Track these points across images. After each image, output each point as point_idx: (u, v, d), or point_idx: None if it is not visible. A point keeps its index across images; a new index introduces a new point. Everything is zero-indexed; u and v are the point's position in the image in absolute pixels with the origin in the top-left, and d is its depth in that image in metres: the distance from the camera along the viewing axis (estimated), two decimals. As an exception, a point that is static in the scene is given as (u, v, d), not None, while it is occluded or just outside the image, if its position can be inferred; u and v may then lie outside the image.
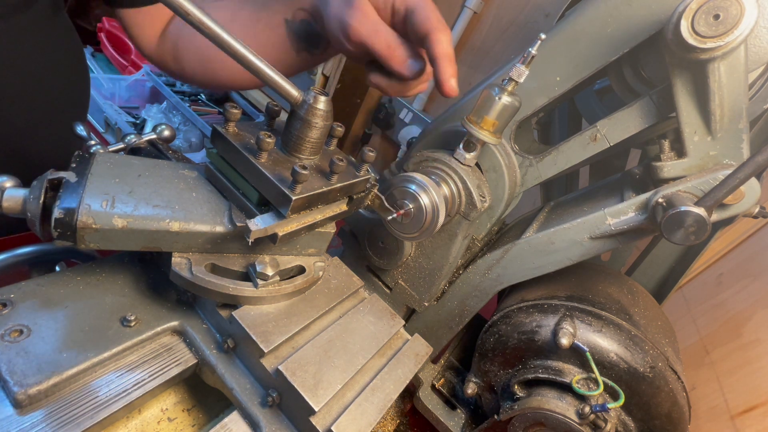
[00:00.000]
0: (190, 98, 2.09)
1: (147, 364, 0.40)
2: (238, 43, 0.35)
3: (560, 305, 0.52)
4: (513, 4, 1.52)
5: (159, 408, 0.44)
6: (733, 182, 0.40)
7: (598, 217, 0.50)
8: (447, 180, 0.52)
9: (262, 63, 0.36)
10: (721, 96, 0.43)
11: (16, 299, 0.38)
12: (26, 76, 0.59)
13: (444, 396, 0.63)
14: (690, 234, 0.42)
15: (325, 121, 0.39)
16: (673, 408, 0.47)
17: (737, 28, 0.38)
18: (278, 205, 0.38)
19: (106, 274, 0.44)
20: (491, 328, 0.57)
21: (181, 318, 0.44)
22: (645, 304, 0.57)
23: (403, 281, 0.62)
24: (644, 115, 0.50)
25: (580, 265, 0.56)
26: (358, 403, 0.41)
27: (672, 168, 0.48)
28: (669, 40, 0.42)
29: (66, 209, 0.33)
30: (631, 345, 0.48)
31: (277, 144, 0.41)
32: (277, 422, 0.41)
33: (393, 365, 0.47)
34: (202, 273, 0.39)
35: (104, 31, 2.05)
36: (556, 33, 0.50)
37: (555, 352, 0.51)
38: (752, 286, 0.73)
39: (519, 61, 0.44)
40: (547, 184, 0.85)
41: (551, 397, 0.49)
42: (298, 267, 0.46)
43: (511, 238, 0.58)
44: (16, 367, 0.33)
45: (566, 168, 0.56)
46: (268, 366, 0.40)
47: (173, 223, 0.37)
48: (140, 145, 0.49)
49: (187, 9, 0.32)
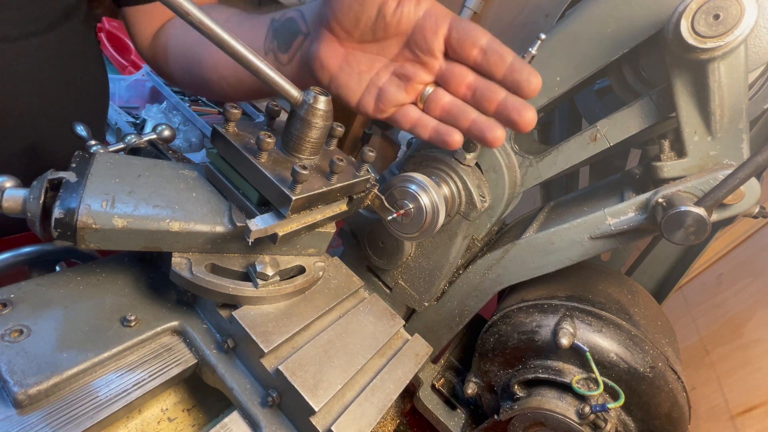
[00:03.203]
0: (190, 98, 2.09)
1: (147, 364, 0.40)
2: (238, 43, 0.35)
3: (560, 305, 0.52)
4: (513, 4, 1.52)
5: (159, 408, 0.44)
6: (733, 182, 0.40)
7: (598, 217, 0.50)
8: (447, 180, 0.52)
9: (262, 63, 0.36)
10: (721, 96, 0.43)
11: (16, 299, 0.38)
12: (55, 87, 0.61)
13: (444, 396, 0.63)
14: (690, 234, 0.42)
15: (325, 121, 0.39)
16: (673, 408, 0.47)
17: (737, 28, 0.38)
18: (278, 205, 0.38)
19: (106, 274, 0.44)
20: (491, 328, 0.57)
21: (181, 318, 0.44)
22: (645, 304, 0.57)
23: (403, 281, 0.62)
24: (644, 115, 0.50)
25: (580, 265, 0.56)
26: (358, 403, 0.41)
27: (672, 168, 0.48)
28: (669, 40, 0.42)
29: (66, 209, 0.33)
30: (631, 345, 0.48)
31: (277, 144, 0.41)
32: (277, 422, 0.41)
33: (393, 365, 0.47)
34: (202, 273, 0.39)
35: (104, 31, 2.05)
36: (556, 33, 0.50)
37: (555, 352, 0.51)
38: (752, 286, 0.73)
39: (519, 61, 0.44)
40: (547, 184, 0.85)
41: (551, 397, 0.49)
42: (298, 267, 0.46)
43: (511, 238, 0.58)
44: (16, 367, 0.33)
45: (566, 168, 0.56)
46: (268, 366, 0.40)
47: (173, 223, 0.37)
48: (140, 145, 0.49)
49: (187, 9, 0.32)
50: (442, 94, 0.44)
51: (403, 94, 0.44)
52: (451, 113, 0.44)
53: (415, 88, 0.44)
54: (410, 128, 0.46)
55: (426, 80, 0.44)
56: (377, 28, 0.42)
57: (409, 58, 0.43)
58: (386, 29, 0.42)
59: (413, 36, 0.42)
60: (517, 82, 0.40)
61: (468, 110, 0.43)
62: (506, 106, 0.41)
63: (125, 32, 2.11)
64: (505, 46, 0.40)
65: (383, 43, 0.44)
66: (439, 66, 0.43)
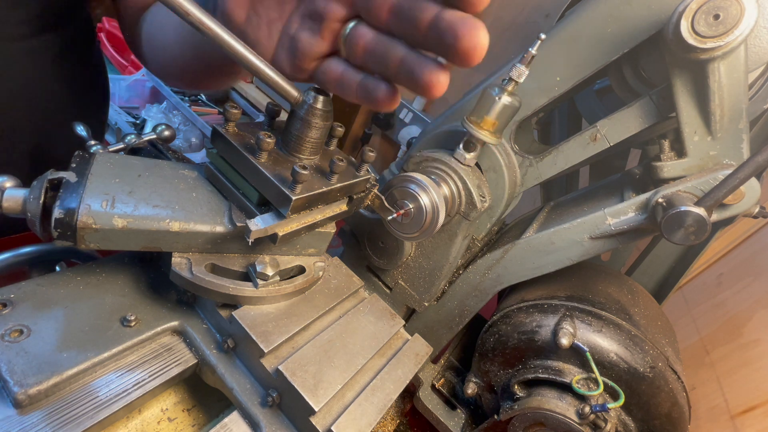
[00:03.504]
0: (190, 98, 2.09)
1: (147, 364, 0.40)
2: (238, 43, 0.35)
3: (560, 305, 0.52)
4: (513, 4, 1.52)
5: (159, 408, 0.44)
6: (733, 182, 0.40)
7: (598, 217, 0.50)
8: (447, 180, 0.52)
9: (262, 63, 0.36)
10: (721, 96, 0.43)
11: (16, 299, 0.38)
12: (55, 87, 0.61)
13: (444, 396, 0.63)
14: (690, 234, 0.42)
15: (325, 121, 0.39)
16: (673, 408, 0.47)
17: (737, 28, 0.38)
18: (278, 205, 0.38)
19: (106, 274, 0.44)
20: (491, 328, 0.57)
21: (181, 318, 0.44)
22: (645, 304, 0.57)
23: (403, 281, 0.62)
24: (644, 115, 0.50)
25: (580, 265, 0.56)
26: (358, 403, 0.41)
27: (672, 168, 0.48)
28: (669, 40, 0.42)
29: (66, 209, 0.33)
30: (631, 345, 0.48)
31: (277, 144, 0.41)
32: (277, 422, 0.41)
33: (393, 365, 0.47)
34: (202, 273, 0.39)
35: (104, 31, 2.05)
36: (556, 33, 0.50)
37: (555, 352, 0.51)
38: (752, 286, 0.73)
39: (519, 61, 0.44)
40: (547, 184, 0.85)
41: (551, 397, 0.49)
42: (298, 267, 0.46)
43: (511, 238, 0.58)
44: (16, 367, 0.33)
45: (566, 168, 0.56)
46: (268, 366, 0.40)
47: (173, 223, 0.37)
48: (140, 145, 0.49)
49: (187, 9, 0.32)
50: (363, 31, 0.33)
51: (318, 41, 0.35)
52: (375, 53, 0.33)
53: (332, 28, 0.35)
54: (335, 88, 0.37)
55: (341, 14, 0.34)
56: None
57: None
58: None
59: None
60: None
61: (393, 46, 0.32)
62: (440, 25, 0.28)
63: (125, 32, 2.12)
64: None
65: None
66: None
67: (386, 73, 0.34)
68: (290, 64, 0.37)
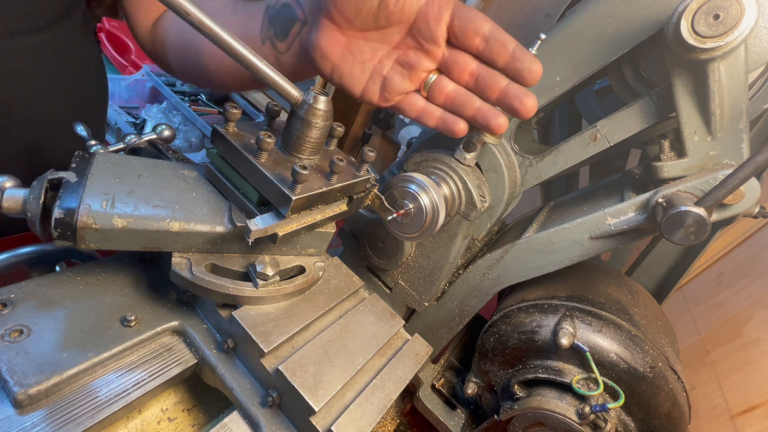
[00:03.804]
0: (190, 98, 2.09)
1: (147, 364, 0.40)
2: (237, 43, 0.35)
3: (560, 305, 0.52)
4: (513, 4, 1.52)
5: (159, 408, 0.44)
6: (733, 182, 0.40)
7: (598, 217, 0.50)
8: (447, 180, 0.52)
9: (262, 63, 0.36)
10: (721, 96, 0.43)
11: (16, 299, 0.38)
12: (54, 86, 0.61)
13: (444, 396, 0.63)
14: (690, 234, 0.42)
15: (325, 121, 0.39)
16: (673, 408, 0.47)
17: (737, 28, 0.38)
18: (278, 205, 0.38)
19: (106, 274, 0.44)
20: (491, 328, 0.57)
21: (181, 318, 0.44)
22: (645, 304, 0.57)
23: (403, 281, 0.62)
24: (644, 115, 0.50)
25: (580, 265, 0.56)
26: (358, 403, 0.41)
27: (672, 168, 0.48)
28: (669, 40, 0.42)
29: (66, 209, 0.33)
30: (631, 345, 0.48)
31: (277, 144, 0.41)
32: (277, 422, 0.41)
33: (393, 365, 0.47)
34: (202, 273, 0.39)
35: (104, 31, 2.05)
36: (556, 33, 0.50)
37: (555, 352, 0.51)
38: (752, 286, 0.73)
39: (519, 61, 0.44)
40: (547, 184, 0.85)
41: (551, 397, 0.49)
42: (298, 267, 0.46)
43: (511, 238, 0.58)
44: (16, 367, 0.33)
45: (566, 168, 0.56)
46: (268, 366, 0.40)
47: (173, 223, 0.37)
48: (140, 145, 0.49)
49: (187, 9, 0.32)
50: (445, 82, 0.44)
51: (407, 83, 0.44)
52: (456, 101, 0.44)
53: (419, 76, 0.44)
54: (416, 117, 0.46)
55: (429, 68, 0.44)
56: (380, 17, 0.42)
57: (412, 46, 0.43)
58: (389, 18, 0.42)
59: (416, 24, 0.42)
60: (518, 71, 0.41)
61: (472, 98, 0.44)
62: (508, 94, 0.41)
63: (125, 32, 2.12)
64: (507, 34, 0.41)
65: (386, 31, 0.43)
66: (442, 54, 0.43)
67: (462, 116, 0.45)
68: (379, 95, 0.46)
